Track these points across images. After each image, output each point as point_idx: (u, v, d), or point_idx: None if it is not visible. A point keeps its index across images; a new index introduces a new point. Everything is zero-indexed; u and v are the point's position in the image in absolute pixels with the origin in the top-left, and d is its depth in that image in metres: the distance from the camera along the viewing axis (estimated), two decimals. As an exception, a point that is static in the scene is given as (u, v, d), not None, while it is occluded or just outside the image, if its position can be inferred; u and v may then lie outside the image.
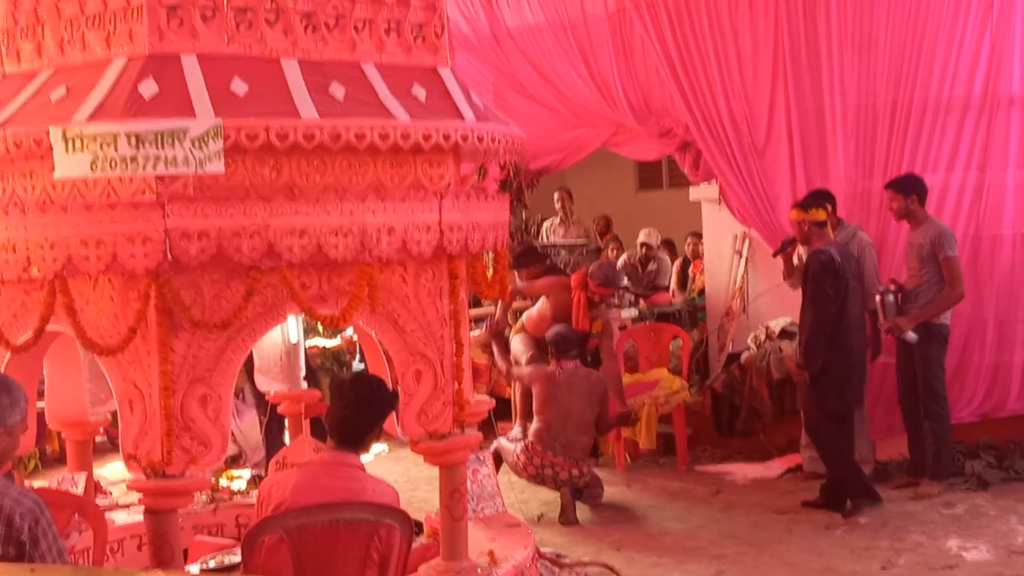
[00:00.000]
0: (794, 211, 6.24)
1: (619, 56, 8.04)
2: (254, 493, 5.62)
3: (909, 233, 6.54)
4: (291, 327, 5.92)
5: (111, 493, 6.13)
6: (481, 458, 5.27)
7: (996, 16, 6.84)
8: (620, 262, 9.43)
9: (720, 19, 7.46)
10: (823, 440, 6.24)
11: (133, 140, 3.52)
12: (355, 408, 3.65)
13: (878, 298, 6.38)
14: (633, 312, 8.32)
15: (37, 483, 6.28)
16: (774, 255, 6.84)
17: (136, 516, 5.22)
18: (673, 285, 9.64)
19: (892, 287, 6.45)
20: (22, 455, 4.26)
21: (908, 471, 6.64)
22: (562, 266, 8.56)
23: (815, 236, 6.11)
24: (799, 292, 6.31)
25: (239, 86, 3.78)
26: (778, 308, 7.55)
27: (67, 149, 3.55)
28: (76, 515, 3.90)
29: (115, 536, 4.99)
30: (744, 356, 7.72)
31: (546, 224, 10.12)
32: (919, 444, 6.54)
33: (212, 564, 4.49)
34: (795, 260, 6.71)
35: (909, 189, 6.41)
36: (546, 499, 6.69)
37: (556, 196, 10.02)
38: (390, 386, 3.95)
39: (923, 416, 6.44)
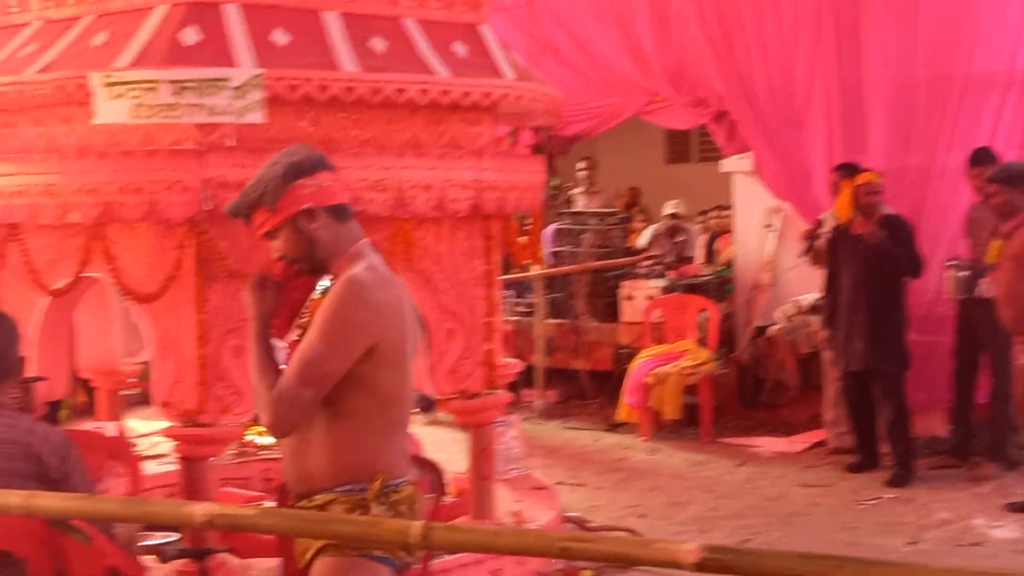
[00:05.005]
0: (871, 174, 6.33)
1: (655, 23, 7.94)
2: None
3: (975, 208, 6.37)
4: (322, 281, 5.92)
5: (138, 445, 6.18)
6: (509, 420, 5.27)
7: (1043, -11, 6.71)
8: (648, 233, 9.39)
9: (761, -15, 7.35)
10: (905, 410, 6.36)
11: (174, 88, 3.51)
12: None
13: (947, 274, 6.27)
14: (661, 283, 8.28)
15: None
16: (807, 251, 6.82)
17: (164, 467, 5.27)
18: (700, 257, 9.60)
19: (959, 263, 6.26)
20: (56, 400, 4.29)
21: (952, 451, 6.54)
22: (591, 236, 8.53)
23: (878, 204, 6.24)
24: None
25: (280, 36, 3.77)
26: (807, 283, 7.49)
27: (107, 95, 3.55)
28: (110, 459, 3.93)
29: (144, 486, 5.01)
30: (772, 330, 7.69)
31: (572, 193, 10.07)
32: (966, 424, 6.46)
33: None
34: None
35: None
36: (569, 465, 6.70)
37: (581, 165, 9.96)
38: None
39: (993, 396, 6.30)
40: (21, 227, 3.94)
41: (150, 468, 5.29)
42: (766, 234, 8.12)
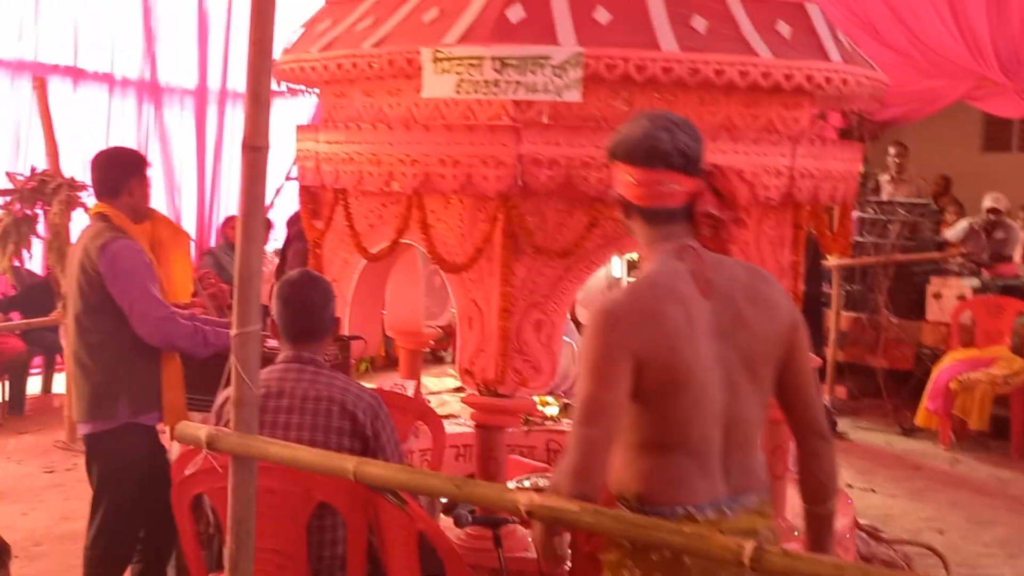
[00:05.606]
0: None
1: (990, 2, 7.32)
2: (565, 421, 5.73)
3: None
4: (614, 263, 5.93)
5: (429, 403, 6.47)
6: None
7: None
8: (962, 227, 8.74)
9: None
10: None
11: (498, 64, 3.57)
12: None
13: None
14: (974, 282, 7.68)
15: (370, 386, 6.71)
16: None
17: (454, 428, 5.46)
18: (1021, 257, 8.83)
19: None
20: (364, 357, 4.53)
21: None
22: (898, 227, 8.02)
23: None
24: None
25: (602, 15, 3.74)
26: None
27: (435, 70, 3.66)
28: (417, 420, 4.10)
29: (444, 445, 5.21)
30: (1102, 343, 6.96)
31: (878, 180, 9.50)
32: None
33: (527, 484, 4.61)
34: None
35: None
36: (860, 468, 6.37)
37: (893, 151, 9.37)
38: None
39: None
40: (347, 192, 4.16)
41: (442, 428, 5.50)
42: (1102, 235, 7.35)
